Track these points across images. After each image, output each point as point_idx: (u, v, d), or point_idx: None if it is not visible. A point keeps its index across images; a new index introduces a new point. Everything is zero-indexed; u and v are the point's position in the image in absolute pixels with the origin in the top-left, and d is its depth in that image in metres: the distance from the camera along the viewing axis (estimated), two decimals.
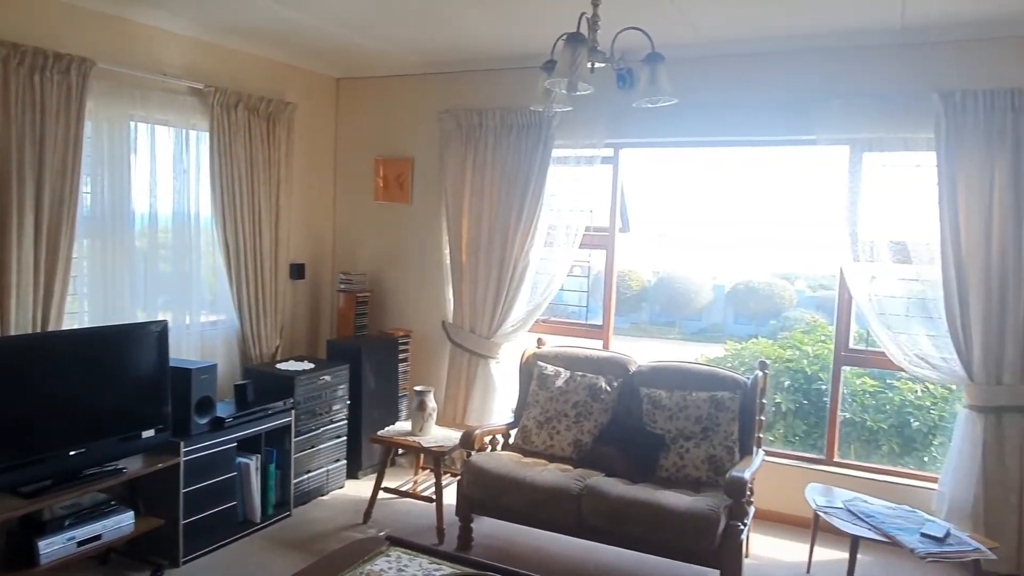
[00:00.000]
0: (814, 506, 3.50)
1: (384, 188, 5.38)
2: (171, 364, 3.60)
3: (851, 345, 4.34)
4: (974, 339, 3.75)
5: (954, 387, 4.38)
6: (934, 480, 4.05)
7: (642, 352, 4.27)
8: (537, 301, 4.79)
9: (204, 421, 3.69)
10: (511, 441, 4.15)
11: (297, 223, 5.16)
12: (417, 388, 4.25)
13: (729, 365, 6.30)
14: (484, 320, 4.87)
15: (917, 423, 5.17)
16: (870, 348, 4.23)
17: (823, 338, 6.12)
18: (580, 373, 4.11)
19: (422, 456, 4.56)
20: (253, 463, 3.99)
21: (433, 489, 4.01)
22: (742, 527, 3.26)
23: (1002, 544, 3.51)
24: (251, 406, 4.01)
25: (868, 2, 3.40)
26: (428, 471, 4.54)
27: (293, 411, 4.22)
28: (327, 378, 4.52)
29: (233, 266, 4.47)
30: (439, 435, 4.18)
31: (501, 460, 3.75)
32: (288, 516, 4.21)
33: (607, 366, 4.14)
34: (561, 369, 4.17)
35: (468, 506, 3.74)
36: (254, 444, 4.03)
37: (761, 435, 3.87)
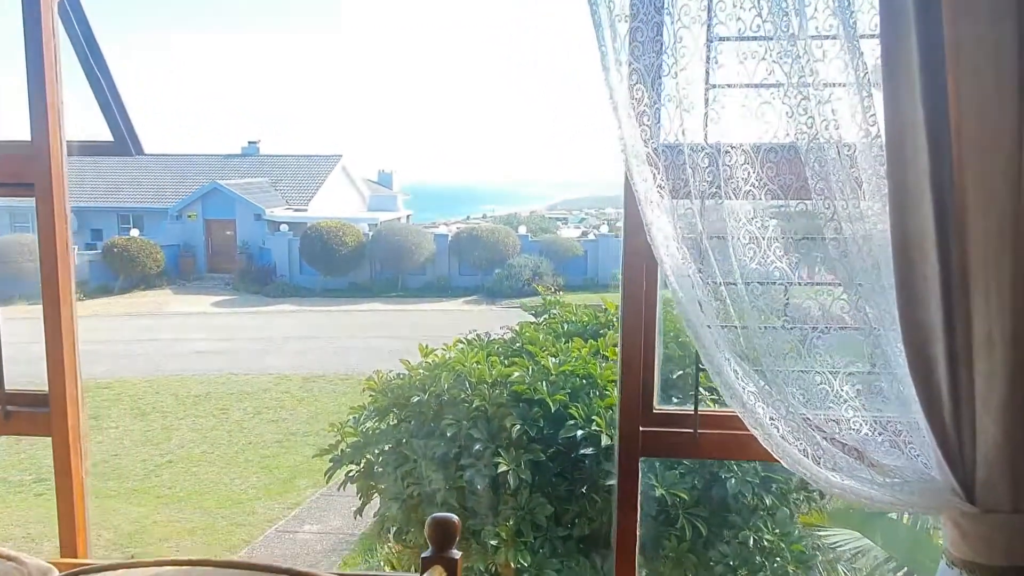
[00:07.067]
0: None
1: None
2: None
3: (656, 399, 1.75)
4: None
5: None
6: None
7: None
8: None
9: None
10: None
11: None
12: None
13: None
14: None
15: (734, 480, 2.92)
16: (711, 412, 1.65)
17: (566, 326, 3.70)
18: None
19: None
20: None
21: None
22: None
23: None
24: None
25: None
26: None
27: None
28: None
29: None
30: None
31: None
32: None
33: None
34: None
35: None
36: None
37: None
